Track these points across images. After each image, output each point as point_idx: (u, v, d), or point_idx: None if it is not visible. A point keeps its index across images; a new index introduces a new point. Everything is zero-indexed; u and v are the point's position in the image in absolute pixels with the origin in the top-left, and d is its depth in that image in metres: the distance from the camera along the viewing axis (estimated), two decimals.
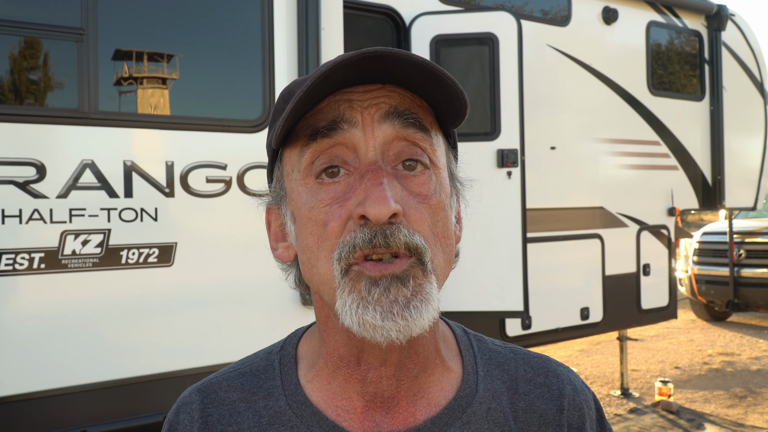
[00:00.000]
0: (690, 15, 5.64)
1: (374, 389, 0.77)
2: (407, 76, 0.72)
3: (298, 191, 0.75)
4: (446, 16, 4.08)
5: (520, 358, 0.86)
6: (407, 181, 0.72)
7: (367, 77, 0.72)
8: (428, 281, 0.70)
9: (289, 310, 3.20)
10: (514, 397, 0.82)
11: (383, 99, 0.73)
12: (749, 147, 6.00)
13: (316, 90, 0.70)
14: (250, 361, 0.86)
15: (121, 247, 2.84)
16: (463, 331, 0.88)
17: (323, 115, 0.73)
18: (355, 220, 0.69)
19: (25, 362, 2.70)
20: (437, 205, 0.73)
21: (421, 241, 0.70)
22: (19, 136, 2.70)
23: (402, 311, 0.68)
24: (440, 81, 0.71)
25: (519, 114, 3.98)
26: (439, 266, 0.73)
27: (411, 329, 0.68)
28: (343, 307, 0.69)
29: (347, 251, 0.69)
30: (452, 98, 0.73)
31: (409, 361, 0.77)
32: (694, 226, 14.31)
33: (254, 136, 3.17)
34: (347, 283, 0.70)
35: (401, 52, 0.68)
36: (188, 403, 0.82)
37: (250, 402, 0.80)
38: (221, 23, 3.20)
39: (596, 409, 0.87)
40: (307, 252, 0.74)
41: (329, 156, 0.72)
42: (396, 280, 0.68)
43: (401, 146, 0.73)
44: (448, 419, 0.78)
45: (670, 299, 5.45)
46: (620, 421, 5.25)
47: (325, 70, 0.68)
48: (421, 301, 0.69)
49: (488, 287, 3.96)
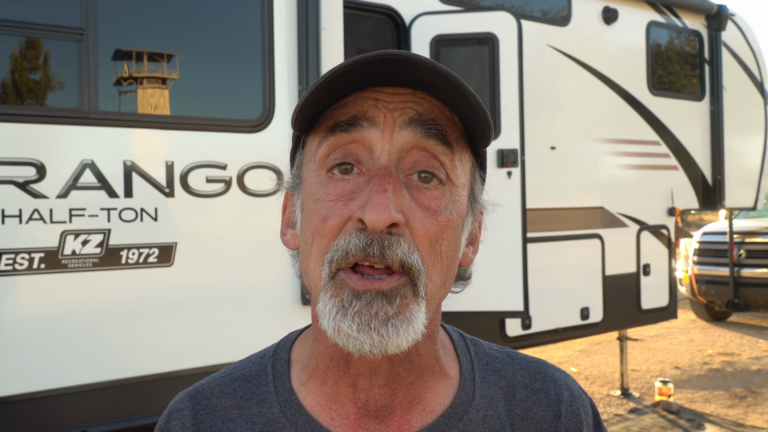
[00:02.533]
0: (690, 15, 5.63)
1: (365, 397, 0.75)
2: (436, 86, 0.70)
3: (310, 181, 0.74)
4: (446, 16, 4.08)
5: (517, 363, 0.85)
6: (419, 193, 0.70)
7: (395, 79, 0.70)
8: (416, 303, 0.69)
9: (289, 310, 3.20)
10: (511, 403, 0.81)
11: (410, 104, 0.71)
12: (749, 147, 6.00)
13: (339, 83, 0.69)
14: (243, 366, 0.84)
15: (121, 247, 2.84)
16: (460, 336, 0.87)
17: (347, 109, 0.72)
18: (354, 223, 0.68)
19: (25, 362, 2.70)
20: (446, 222, 0.71)
21: (417, 262, 0.68)
22: (19, 136, 2.71)
23: (380, 327, 0.66)
24: (464, 96, 0.69)
25: (519, 114, 3.98)
26: (432, 290, 0.71)
27: (386, 346, 0.67)
28: (323, 310, 0.69)
29: (339, 256, 0.68)
30: (477, 115, 0.71)
31: (403, 371, 0.75)
32: (694, 226, 14.31)
33: (254, 136, 3.17)
34: (331, 288, 0.69)
35: (425, 59, 0.67)
36: (179, 409, 0.81)
37: (243, 408, 0.79)
38: (221, 23, 3.20)
39: (593, 414, 0.87)
40: (304, 243, 0.74)
41: (344, 152, 0.71)
42: (381, 296, 0.67)
43: (419, 156, 0.71)
44: (445, 427, 0.76)
45: (670, 299, 5.45)
46: (620, 421, 5.24)
47: (347, 64, 0.67)
48: (402, 321, 0.67)
49: (488, 287, 3.96)
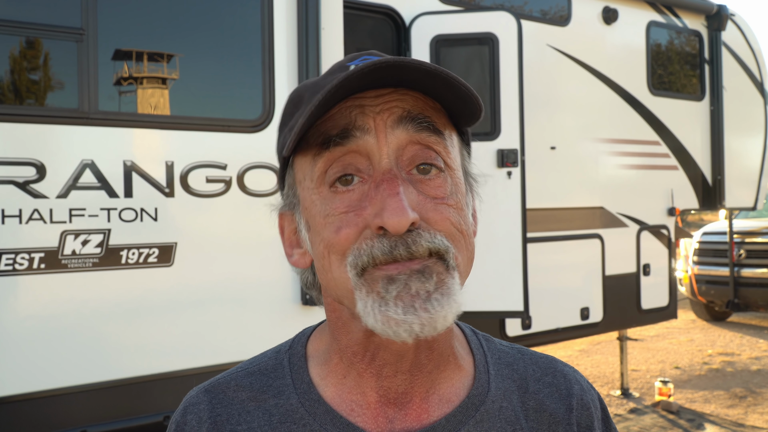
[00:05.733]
0: (690, 15, 5.63)
1: (388, 384, 0.76)
2: (419, 82, 0.71)
3: (312, 199, 0.74)
4: (446, 16, 4.08)
5: (527, 358, 0.87)
6: (423, 185, 0.71)
7: (380, 83, 0.71)
8: (450, 276, 0.69)
9: (289, 310, 3.20)
10: (524, 396, 0.83)
11: (396, 103, 0.72)
12: (749, 147, 6.00)
13: (326, 100, 0.69)
14: (258, 361, 0.84)
15: (121, 247, 2.84)
16: (472, 331, 0.89)
17: (335, 122, 0.71)
18: (374, 231, 0.68)
19: (25, 362, 2.70)
20: (455, 205, 0.73)
21: (443, 242, 0.69)
22: (19, 136, 2.71)
23: (424, 304, 0.66)
24: (454, 87, 0.70)
25: (519, 114, 3.98)
26: (461, 263, 0.72)
27: (435, 323, 0.67)
28: (364, 308, 0.68)
29: (365, 261, 0.68)
30: (465, 100, 0.73)
31: (424, 358, 0.76)
32: (694, 226, 14.30)
33: (254, 136, 3.17)
34: (363, 284, 0.69)
35: (414, 60, 0.67)
36: (196, 403, 0.81)
37: (260, 401, 0.79)
38: (221, 23, 3.20)
39: (601, 408, 0.88)
40: (321, 259, 0.73)
41: (342, 164, 0.71)
42: (416, 274, 0.67)
43: (415, 150, 0.72)
44: (462, 417, 0.78)
45: (670, 299, 5.45)
46: (620, 421, 5.24)
47: (336, 83, 0.67)
48: (443, 294, 0.68)
49: (488, 287, 3.96)
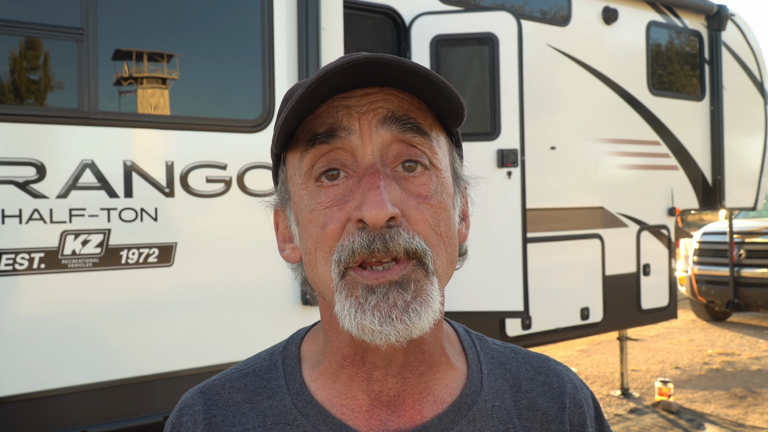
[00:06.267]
0: (690, 15, 5.63)
1: (379, 387, 0.77)
2: (403, 80, 0.72)
3: (300, 194, 0.76)
4: (446, 16, 4.08)
5: (520, 357, 0.88)
6: (407, 182, 0.73)
7: (365, 81, 0.72)
8: (429, 282, 0.70)
9: (288, 310, 3.20)
10: (517, 395, 0.83)
11: (381, 103, 0.73)
12: (749, 147, 6.00)
13: (311, 96, 0.70)
14: (252, 362, 0.85)
15: (121, 247, 2.84)
16: (465, 331, 0.90)
17: (321, 120, 0.73)
18: (354, 223, 0.70)
19: (25, 362, 2.70)
20: (438, 205, 0.73)
21: (421, 245, 0.70)
22: (19, 136, 2.71)
23: (401, 315, 0.68)
24: (434, 84, 0.71)
25: (519, 114, 3.98)
26: (441, 267, 0.73)
27: (411, 332, 0.68)
28: (342, 311, 0.70)
29: (346, 256, 0.70)
30: (448, 100, 0.73)
31: (414, 360, 0.77)
32: (694, 226, 14.30)
33: (254, 136, 3.17)
34: (344, 288, 0.70)
35: (392, 57, 0.68)
36: (191, 405, 0.82)
37: (254, 402, 0.80)
38: (221, 23, 3.20)
39: (594, 407, 0.89)
40: (308, 255, 0.75)
41: (328, 159, 0.73)
42: (395, 286, 0.69)
43: (400, 148, 0.73)
44: (455, 416, 0.78)
45: (670, 299, 5.45)
46: (620, 421, 5.24)
47: (315, 78, 0.69)
48: (420, 303, 0.69)
49: (488, 287, 3.96)
